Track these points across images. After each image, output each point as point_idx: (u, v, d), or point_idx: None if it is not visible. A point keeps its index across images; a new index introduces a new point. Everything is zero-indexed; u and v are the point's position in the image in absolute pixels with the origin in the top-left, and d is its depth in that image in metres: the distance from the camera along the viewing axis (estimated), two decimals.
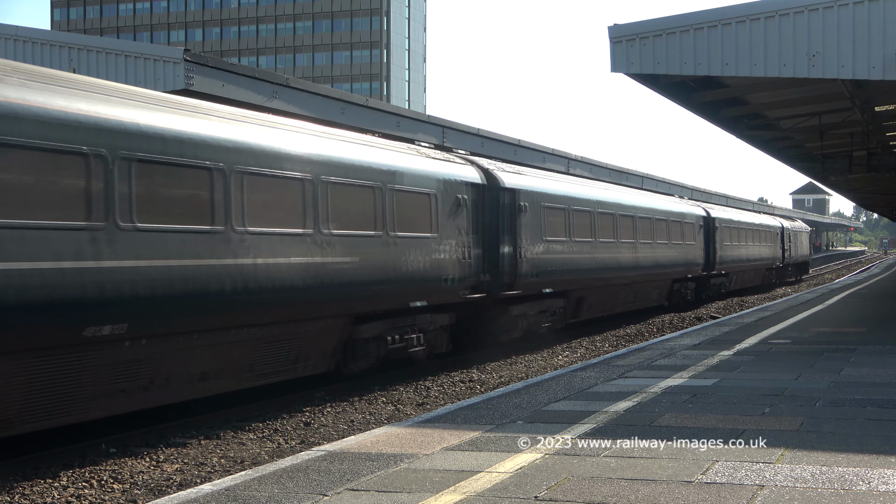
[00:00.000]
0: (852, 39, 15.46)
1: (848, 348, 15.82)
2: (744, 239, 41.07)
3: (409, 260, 15.44)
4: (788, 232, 53.33)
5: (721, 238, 36.53)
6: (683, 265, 31.83)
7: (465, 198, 17.37)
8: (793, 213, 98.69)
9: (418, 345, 16.27)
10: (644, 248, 27.36)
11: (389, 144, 16.68)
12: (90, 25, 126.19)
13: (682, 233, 31.58)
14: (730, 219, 39.37)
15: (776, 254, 49.26)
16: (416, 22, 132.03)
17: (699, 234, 33.91)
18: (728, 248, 37.81)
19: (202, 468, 10.02)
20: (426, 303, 16.09)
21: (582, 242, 22.73)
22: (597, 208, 24.01)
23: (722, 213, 39.12)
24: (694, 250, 33.12)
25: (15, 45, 23.11)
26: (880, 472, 7.19)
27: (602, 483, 7.07)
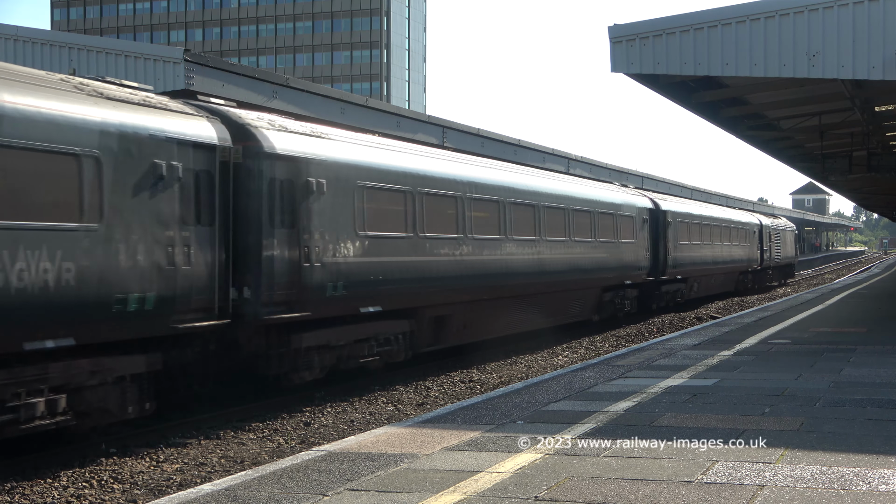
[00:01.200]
0: (852, 39, 15.46)
1: (848, 348, 15.82)
2: (708, 237, 35.37)
3: None
4: (768, 230, 47.33)
5: (675, 235, 30.77)
6: (617, 269, 25.68)
7: (174, 165, 11.41)
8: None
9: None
10: (555, 248, 21.55)
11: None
12: (90, 25, 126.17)
13: (615, 228, 25.66)
14: (687, 212, 33.43)
15: (752, 255, 43.38)
16: (416, 22, 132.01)
17: (642, 229, 27.90)
18: (686, 249, 32.16)
19: (202, 468, 10.02)
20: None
21: (441, 240, 16.81)
22: (469, 192, 17.87)
23: (677, 205, 32.84)
24: (634, 250, 27.07)
25: (15, 45, 23.11)
26: (880, 472, 7.19)
27: (602, 483, 7.07)
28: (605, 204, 25.40)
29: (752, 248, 43.32)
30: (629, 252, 26.71)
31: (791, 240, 55.12)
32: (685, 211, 33.37)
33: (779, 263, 50.40)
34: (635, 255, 27.27)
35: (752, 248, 43.32)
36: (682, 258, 31.62)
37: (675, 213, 31.32)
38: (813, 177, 43.96)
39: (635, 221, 27.40)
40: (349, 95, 24.77)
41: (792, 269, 56.42)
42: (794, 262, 58.15)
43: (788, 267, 54.70)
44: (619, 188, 29.27)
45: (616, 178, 40.38)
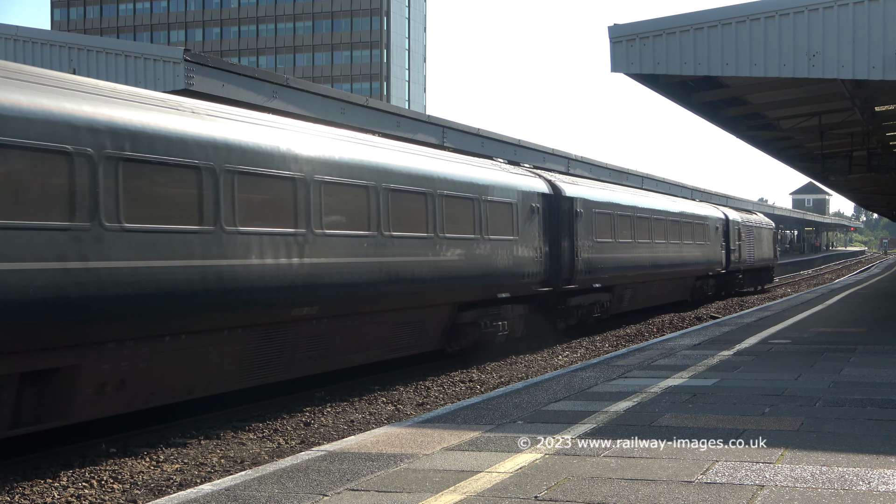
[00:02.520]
0: (852, 39, 15.46)
1: (848, 348, 15.82)
2: (646, 234, 27.83)
3: None
4: (737, 227, 40.04)
5: (590, 231, 23.30)
6: (482, 278, 17.85)
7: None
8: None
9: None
10: (331, 245, 13.50)
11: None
12: (90, 25, 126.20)
13: (479, 219, 17.82)
14: (610, 201, 25.43)
15: (714, 256, 36.18)
16: (416, 22, 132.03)
17: (530, 221, 20.02)
18: (609, 248, 24.60)
19: (202, 468, 10.03)
20: None
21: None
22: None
23: (591, 191, 24.45)
24: (512, 250, 19.01)
25: (15, 45, 23.12)
26: (880, 472, 7.19)
27: (602, 483, 7.07)
28: (459, 184, 17.27)
29: (713, 248, 36.11)
30: (506, 253, 18.68)
31: (768, 239, 47.79)
32: (605, 199, 25.16)
33: (752, 266, 42.86)
34: (517, 256, 19.19)
35: (713, 248, 36.11)
36: (601, 261, 23.94)
37: (588, 202, 23.42)
38: (813, 177, 44.00)
39: (517, 210, 19.40)
40: (349, 95, 24.79)
41: (770, 272, 48.50)
42: (773, 265, 50.25)
43: (765, 271, 46.79)
44: (495, 165, 20.31)
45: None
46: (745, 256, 41.30)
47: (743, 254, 40.76)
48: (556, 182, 22.49)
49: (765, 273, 46.74)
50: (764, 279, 46.60)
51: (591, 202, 23.90)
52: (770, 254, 48.02)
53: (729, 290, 39.90)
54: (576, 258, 22.46)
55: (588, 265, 23.18)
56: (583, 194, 23.56)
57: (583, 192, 23.69)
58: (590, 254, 23.31)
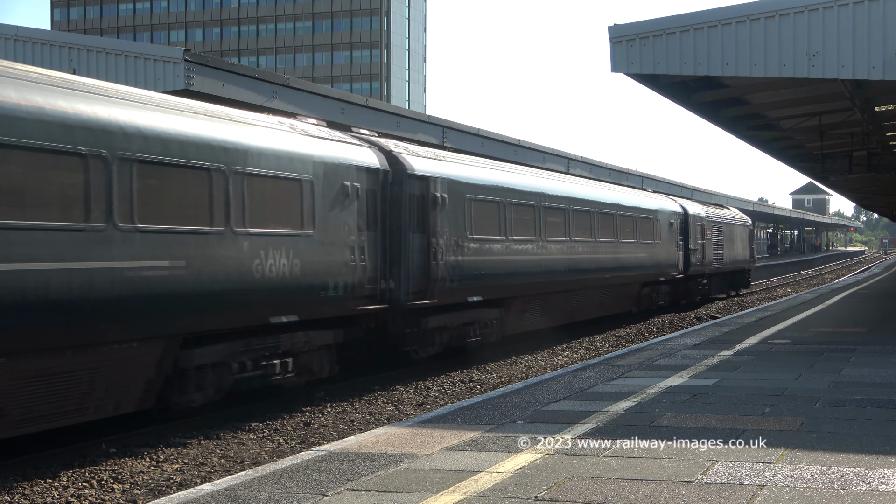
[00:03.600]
0: (852, 39, 15.46)
1: (848, 348, 15.82)
2: (559, 229, 21.81)
3: None
4: (699, 223, 33.53)
5: (452, 222, 17.06)
6: (215, 295, 11.71)
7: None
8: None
9: None
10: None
11: None
12: (90, 25, 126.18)
13: (218, 204, 11.79)
14: (490, 184, 18.84)
15: (667, 258, 29.77)
16: (416, 22, 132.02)
17: (339, 209, 14.11)
18: (489, 248, 18.41)
19: (202, 468, 10.03)
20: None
21: None
22: None
23: (449, 168, 17.51)
24: (299, 249, 13.16)
25: (15, 45, 23.12)
26: (880, 472, 7.19)
27: (602, 483, 7.07)
28: (201, 147, 11.54)
29: (666, 248, 29.66)
30: (287, 253, 12.82)
31: (743, 237, 41.21)
32: (490, 182, 18.85)
33: (720, 269, 36.69)
34: (312, 260, 13.37)
35: (666, 248, 29.66)
36: (484, 266, 18.13)
37: (457, 185, 17.32)
38: (813, 177, 44.00)
39: (312, 192, 13.44)
40: (349, 95, 24.78)
41: (745, 275, 42.46)
42: (750, 268, 43.78)
43: (738, 274, 40.82)
44: (279, 124, 13.63)
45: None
46: (712, 258, 35.11)
47: (708, 254, 34.54)
48: (401, 155, 16.01)
49: (739, 277, 40.97)
50: (738, 283, 41.10)
51: (464, 185, 17.53)
52: (745, 254, 41.65)
53: (690, 298, 33.30)
54: (433, 262, 16.23)
55: (457, 272, 17.04)
56: (446, 173, 17.02)
57: (446, 171, 17.11)
58: (460, 256, 17.16)
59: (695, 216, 33.21)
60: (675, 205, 32.19)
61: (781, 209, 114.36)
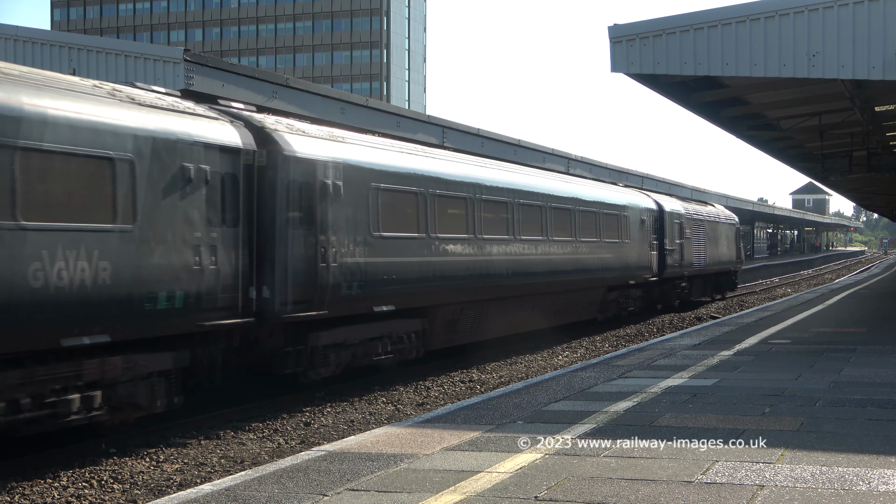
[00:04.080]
0: (852, 39, 15.46)
1: (848, 348, 15.82)
2: (500, 226, 18.93)
3: None
4: (678, 221, 30.88)
5: (349, 216, 14.25)
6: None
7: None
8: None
9: None
10: None
11: None
12: (90, 25, 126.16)
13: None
14: (403, 171, 15.94)
15: (638, 259, 26.83)
16: (416, 22, 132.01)
17: (175, 198, 11.23)
18: (403, 246, 15.62)
19: (202, 468, 10.03)
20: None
21: None
22: None
23: (344, 150, 14.54)
24: (110, 250, 10.23)
25: (15, 45, 23.13)
26: (880, 472, 7.19)
27: (602, 483, 7.07)
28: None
29: (636, 248, 26.81)
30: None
31: (729, 236, 38.36)
32: (403, 168, 15.87)
33: (702, 271, 33.88)
34: (133, 263, 10.62)
35: (636, 248, 26.81)
36: (396, 269, 15.25)
37: (356, 170, 14.45)
38: (813, 177, 43.98)
39: (135, 174, 10.72)
40: (349, 95, 24.80)
41: (731, 277, 39.51)
42: (737, 269, 40.56)
43: (724, 276, 38.14)
44: (107, 97, 10.79)
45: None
46: (692, 258, 32.19)
47: (688, 255, 31.67)
48: (276, 132, 13.13)
49: (724, 279, 38.17)
50: (723, 286, 38.25)
51: (368, 172, 14.76)
52: (731, 255, 38.69)
53: (667, 302, 30.80)
54: (322, 265, 13.39)
55: (358, 277, 14.19)
56: (343, 157, 14.20)
57: (343, 154, 14.27)
58: (363, 258, 14.35)
59: (672, 213, 30.50)
60: (649, 200, 29.35)
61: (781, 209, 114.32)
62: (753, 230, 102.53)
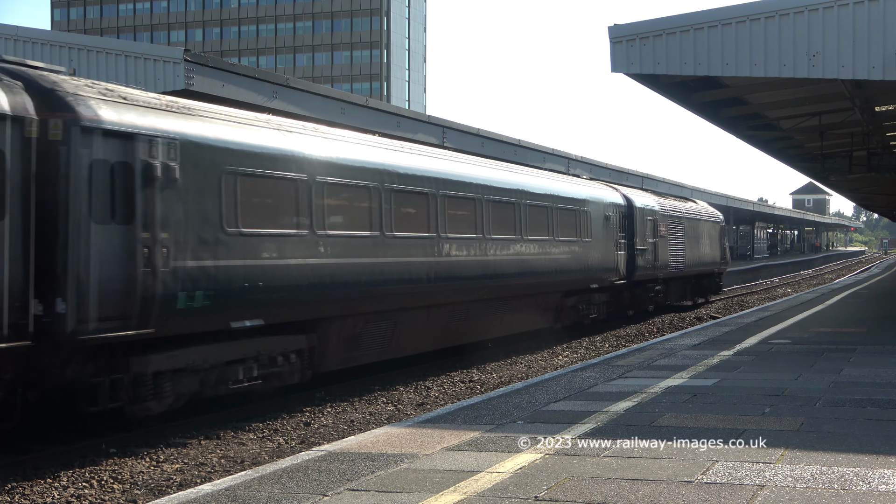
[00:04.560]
0: (852, 39, 15.46)
1: (848, 348, 15.82)
2: (421, 222, 16.15)
3: None
4: (652, 218, 27.93)
5: (201, 213, 11.44)
6: None
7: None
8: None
9: None
10: None
11: None
12: (90, 25, 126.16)
13: None
14: (285, 153, 12.92)
15: (602, 260, 23.76)
16: (416, 22, 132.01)
17: None
18: (274, 245, 12.65)
19: (202, 468, 10.03)
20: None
21: None
22: None
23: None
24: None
25: (15, 45, 23.13)
26: (880, 472, 7.19)
27: (602, 483, 7.07)
28: None
29: (600, 248, 23.72)
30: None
31: (712, 236, 35.29)
32: (253, 147, 12.48)
33: (681, 273, 30.80)
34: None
35: (600, 248, 23.72)
36: (244, 274, 12.15)
37: (187, 147, 11.34)
38: (813, 177, 43.99)
39: None
40: (349, 95, 24.82)
41: (714, 280, 36.36)
42: (721, 271, 37.36)
43: (707, 278, 35.11)
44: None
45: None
46: (668, 259, 29.13)
47: (663, 255, 28.60)
48: (72, 95, 10.24)
49: (707, 281, 35.16)
50: (706, 289, 35.27)
51: (221, 152, 11.77)
52: (715, 255, 35.56)
53: (639, 307, 27.82)
54: (145, 270, 10.56)
55: (204, 284, 11.37)
56: (180, 132, 11.27)
57: (181, 128, 11.33)
58: (213, 260, 11.53)
59: (644, 209, 27.36)
60: (615, 194, 26.07)
61: (781, 209, 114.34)
62: (753, 230, 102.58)
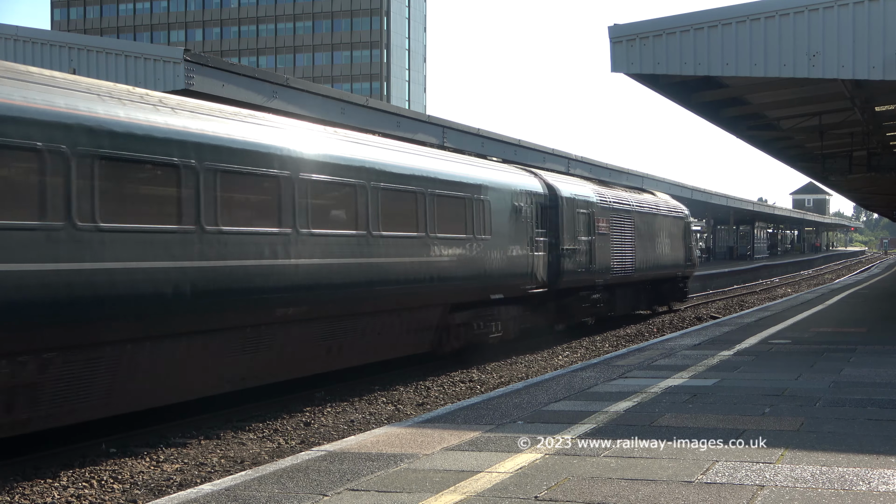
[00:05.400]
0: (852, 39, 15.46)
1: (848, 348, 15.81)
2: (163, 212, 10.74)
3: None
4: (586, 210, 22.98)
5: None
6: None
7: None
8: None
9: None
10: None
11: None
12: (90, 25, 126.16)
13: None
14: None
15: (511, 263, 19.22)
16: (416, 22, 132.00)
17: None
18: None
19: (202, 468, 10.03)
20: None
21: None
22: None
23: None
24: None
25: (15, 45, 23.12)
26: (880, 472, 7.18)
27: (602, 483, 7.07)
28: None
29: (505, 247, 19.00)
30: None
31: (675, 233, 29.91)
32: None
33: (630, 278, 25.81)
34: None
35: (505, 247, 19.00)
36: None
37: None
38: (813, 177, 43.97)
39: None
40: (349, 95, 24.79)
41: (678, 284, 30.75)
42: (686, 274, 31.56)
43: (666, 284, 29.47)
44: None
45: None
46: (612, 262, 24.19)
47: (602, 257, 23.44)
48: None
49: (667, 287, 29.49)
50: (665, 296, 29.78)
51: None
52: (677, 256, 29.95)
53: (568, 321, 22.48)
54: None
55: None
56: None
57: None
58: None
59: (573, 199, 22.00)
60: (532, 181, 20.72)
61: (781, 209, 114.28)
62: (753, 230, 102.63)
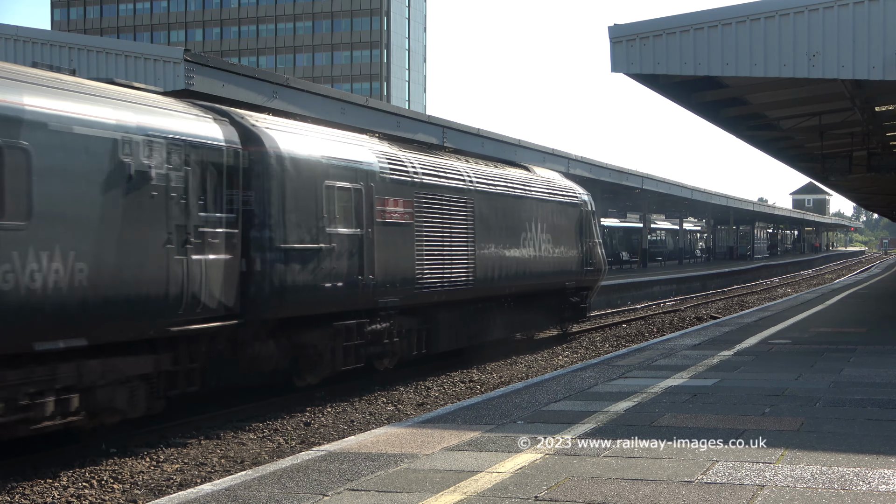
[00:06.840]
0: (852, 39, 15.45)
1: (848, 348, 15.82)
2: None
3: None
4: (346, 186, 13.66)
5: None
6: None
7: None
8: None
9: None
10: None
11: None
12: (90, 25, 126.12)
13: None
14: None
15: (112, 284, 9.83)
16: (416, 22, 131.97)
17: None
18: None
19: (202, 468, 10.03)
20: None
21: None
22: None
23: None
24: None
25: (15, 45, 23.12)
26: (880, 472, 7.19)
27: (602, 483, 7.07)
28: None
29: (110, 253, 9.91)
30: None
31: (566, 227, 21.64)
32: None
33: (469, 293, 17.39)
34: None
35: (110, 253, 9.91)
36: None
37: None
38: (813, 177, 43.95)
39: None
40: (349, 95, 24.79)
41: (569, 299, 22.16)
42: (587, 284, 22.95)
43: (551, 298, 21.31)
44: None
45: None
46: (424, 269, 15.87)
47: (396, 262, 15.08)
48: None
49: (552, 302, 21.42)
50: (550, 315, 21.67)
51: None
52: (569, 259, 21.73)
53: (310, 370, 13.61)
54: None
55: None
56: None
57: None
58: None
59: (310, 161, 13.29)
60: (199, 123, 11.70)
61: (781, 209, 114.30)
62: (753, 230, 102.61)
